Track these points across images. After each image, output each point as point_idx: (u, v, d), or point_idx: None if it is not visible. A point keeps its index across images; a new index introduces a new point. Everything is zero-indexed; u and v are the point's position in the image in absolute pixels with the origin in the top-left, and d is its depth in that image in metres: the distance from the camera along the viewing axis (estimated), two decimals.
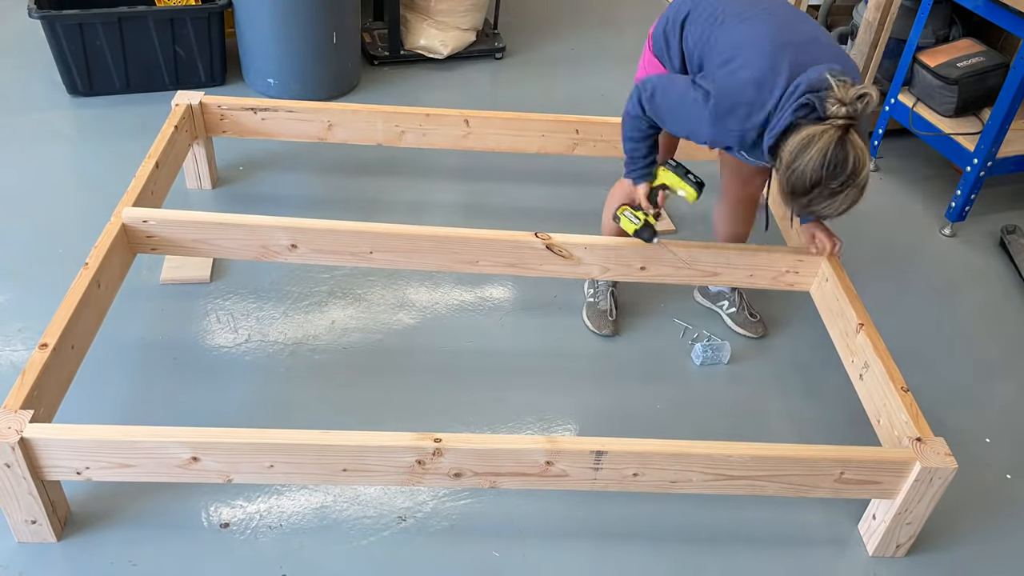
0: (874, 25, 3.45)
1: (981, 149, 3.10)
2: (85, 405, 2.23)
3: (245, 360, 2.46)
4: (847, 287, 2.39)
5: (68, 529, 1.99)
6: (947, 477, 1.94)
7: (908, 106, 3.40)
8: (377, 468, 1.90)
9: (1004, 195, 3.53)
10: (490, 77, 4.03)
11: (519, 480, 1.95)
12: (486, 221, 3.06)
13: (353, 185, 3.19)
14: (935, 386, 2.61)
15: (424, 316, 2.68)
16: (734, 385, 2.57)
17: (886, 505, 2.06)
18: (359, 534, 2.06)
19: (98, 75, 3.44)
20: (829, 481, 1.99)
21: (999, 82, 3.14)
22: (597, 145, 3.08)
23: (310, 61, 3.54)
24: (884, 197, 3.46)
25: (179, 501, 2.07)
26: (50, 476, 1.85)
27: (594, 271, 2.49)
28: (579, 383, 2.51)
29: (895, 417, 2.09)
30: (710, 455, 1.93)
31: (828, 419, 2.48)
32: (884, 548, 2.11)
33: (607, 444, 1.91)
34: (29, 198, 2.94)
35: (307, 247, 2.40)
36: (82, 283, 2.11)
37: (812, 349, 2.69)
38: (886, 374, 2.14)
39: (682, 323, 2.74)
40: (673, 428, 2.40)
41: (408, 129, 3.01)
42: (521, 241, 2.41)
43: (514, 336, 2.64)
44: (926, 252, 3.20)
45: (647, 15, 4.85)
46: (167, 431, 1.83)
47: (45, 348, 1.93)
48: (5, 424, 1.77)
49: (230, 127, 2.94)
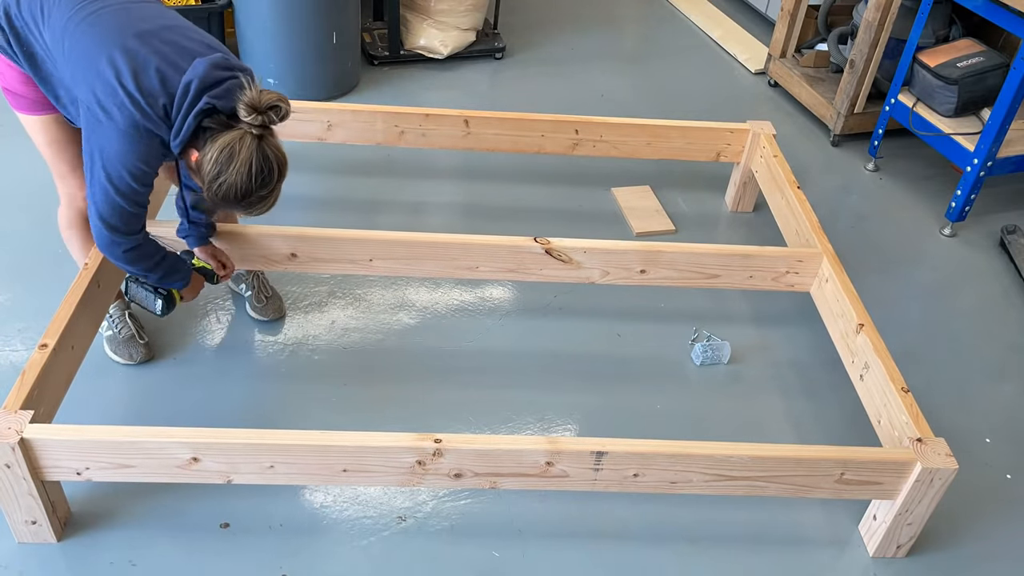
0: (874, 25, 3.46)
1: (981, 149, 3.10)
2: (85, 405, 2.23)
3: (245, 360, 2.46)
4: (847, 287, 2.39)
5: (68, 530, 1.99)
6: (948, 478, 1.94)
7: (908, 106, 3.40)
8: (377, 469, 1.90)
9: (1004, 195, 3.53)
10: (490, 77, 4.03)
11: (519, 481, 1.95)
12: (485, 222, 3.06)
13: (353, 185, 3.19)
14: (935, 386, 2.61)
15: (424, 316, 2.68)
16: (734, 385, 2.56)
17: (887, 506, 2.05)
18: (359, 534, 2.06)
19: None
20: (829, 482, 1.99)
21: (999, 82, 3.14)
22: (597, 145, 3.08)
23: (310, 61, 3.54)
24: (884, 197, 3.47)
25: (179, 501, 2.07)
26: (50, 476, 1.85)
27: (594, 275, 2.49)
28: (579, 383, 2.51)
29: (895, 418, 2.09)
30: (710, 456, 1.93)
31: (828, 419, 2.48)
32: (885, 549, 2.11)
33: (607, 445, 1.91)
34: (29, 198, 2.94)
35: (306, 256, 2.40)
36: (82, 283, 2.11)
37: (812, 349, 2.69)
38: (886, 375, 2.14)
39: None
40: (673, 428, 2.40)
41: (408, 129, 3.01)
42: (520, 246, 2.41)
43: (514, 336, 2.64)
44: (926, 252, 3.20)
45: (647, 15, 4.86)
46: (167, 431, 1.83)
47: (45, 348, 1.93)
48: (5, 424, 1.77)
49: None
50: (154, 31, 1.89)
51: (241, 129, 1.83)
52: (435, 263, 2.43)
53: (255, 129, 1.83)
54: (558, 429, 2.37)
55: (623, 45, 4.49)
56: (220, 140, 1.83)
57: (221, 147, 1.82)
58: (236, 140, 1.82)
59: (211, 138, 1.85)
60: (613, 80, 4.08)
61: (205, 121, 1.85)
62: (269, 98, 1.82)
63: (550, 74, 4.10)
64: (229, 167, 1.82)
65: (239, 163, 1.82)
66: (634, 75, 4.17)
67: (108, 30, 1.86)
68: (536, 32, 4.47)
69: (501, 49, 4.15)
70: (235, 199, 1.87)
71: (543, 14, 4.68)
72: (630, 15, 4.84)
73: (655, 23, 4.78)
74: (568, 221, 3.11)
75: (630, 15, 4.84)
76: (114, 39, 1.85)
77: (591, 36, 4.50)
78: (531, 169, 3.36)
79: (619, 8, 4.88)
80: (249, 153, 1.82)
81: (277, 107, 1.83)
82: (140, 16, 1.91)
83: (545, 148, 3.08)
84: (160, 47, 1.86)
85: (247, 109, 1.81)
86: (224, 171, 1.83)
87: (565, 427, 2.38)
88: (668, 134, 3.06)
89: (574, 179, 3.34)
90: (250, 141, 1.82)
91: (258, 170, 1.83)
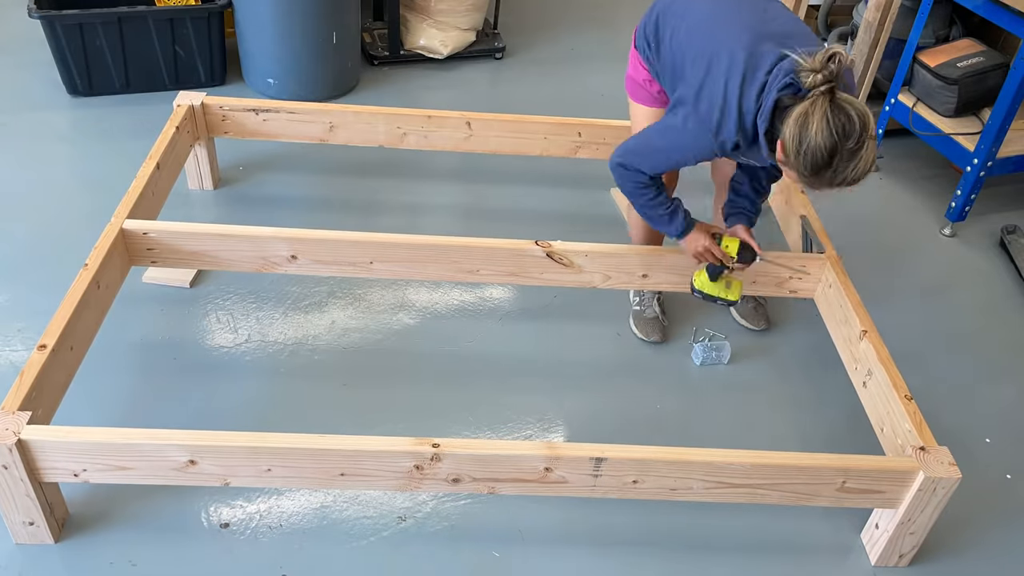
0: (874, 25, 3.45)
1: (981, 149, 3.09)
2: (84, 406, 2.23)
3: (245, 361, 2.46)
4: (851, 293, 2.38)
5: (66, 531, 1.99)
6: (951, 487, 1.93)
7: (908, 106, 3.40)
8: (375, 473, 1.90)
9: (1004, 195, 3.52)
10: (490, 77, 4.03)
11: (518, 486, 1.95)
12: (487, 224, 3.06)
13: (354, 187, 3.19)
14: (935, 386, 2.61)
15: (424, 317, 2.67)
16: (734, 385, 2.56)
17: (889, 514, 2.04)
18: (359, 534, 2.06)
19: (98, 75, 3.44)
20: (831, 490, 1.98)
21: (999, 82, 3.13)
22: (600, 148, 3.07)
23: (310, 61, 3.53)
24: (884, 197, 3.46)
25: (179, 502, 2.07)
26: (48, 478, 1.85)
27: (595, 279, 2.48)
28: (579, 383, 2.51)
29: (898, 426, 2.08)
30: (711, 463, 1.92)
31: (829, 423, 2.47)
32: (887, 558, 2.10)
33: (606, 451, 1.90)
34: (29, 198, 2.94)
35: (307, 258, 2.40)
36: (82, 284, 2.11)
37: (813, 349, 2.69)
38: (890, 382, 2.14)
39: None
40: (673, 428, 2.40)
41: (410, 131, 3.00)
42: (521, 249, 2.40)
43: (514, 337, 2.64)
44: (926, 252, 3.20)
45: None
46: (164, 434, 1.83)
47: (44, 349, 1.93)
48: (3, 426, 1.77)
49: (231, 128, 2.94)
50: (780, 34, 2.01)
51: (810, 97, 1.83)
52: (436, 266, 2.43)
53: (821, 87, 1.81)
54: (558, 430, 2.37)
55: (623, 45, 4.45)
56: (794, 113, 1.84)
57: (796, 116, 1.84)
58: (808, 105, 1.82)
59: (783, 119, 1.88)
60: (613, 80, 4.06)
61: (782, 98, 1.91)
62: (825, 54, 1.81)
63: (550, 74, 4.10)
64: (808, 132, 1.81)
65: (816, 124, 1.80)
66: None
67: (727, 34, 2.04)
68: (536, 32, 4.46)
69: (501, 49, 4.15)
70: (824, 163, 1.84)
71: (543, 14, 4.68)
72: (630, 15, 4.83)
73: None
74: (570, 224, 3.10)
75: (630, 15, 4.83)
76: (739, 36, 2.02)
77: (591, 36, 4.50)
78: (533, 172, 3.35)
79: (619, 8, 4.87)
80: (823, 111, 1.80)
81: (835, 55, 1.81)
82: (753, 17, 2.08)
83: (547, 151, 3.08)
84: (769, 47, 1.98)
85: (807, 72, 1.83)
86: (804, 138, 1.82)
87: (565, 428, 2.38)
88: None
89: (574, 180, 3.33)
90: (821, 101, 1.81)
91: (837, 126, 1.80)
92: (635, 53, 2.38)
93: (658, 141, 2.18)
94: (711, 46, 2.05)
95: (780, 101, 1.92)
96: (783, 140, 1.88)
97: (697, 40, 2.10)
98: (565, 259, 2.42)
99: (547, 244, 2.41)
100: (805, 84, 1.84)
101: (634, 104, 2.46)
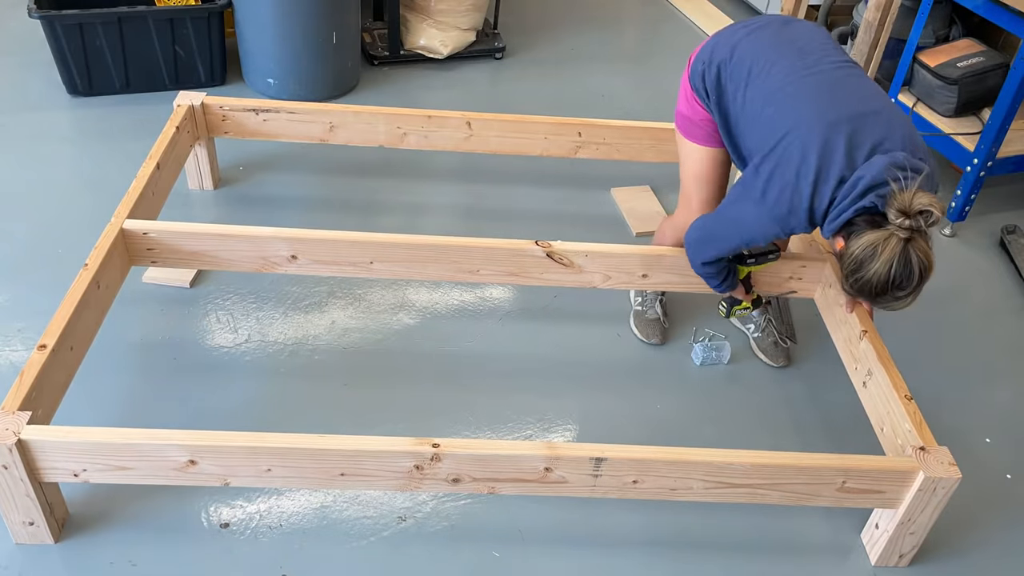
0: (874, 25, 3.45)
1: (981, 149, 3.09)
2: (84, 406, 2.23)
3: (245, 360, 2.46)
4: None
5: (66, 531, 1.99)
6: (951, 487, 1.93)
7: (908, 106, 3.40)
8: (375, 473, 1.90)
9: (1004, 195, 3.52)
10: (490, 77, 4.03)
11: (518, 486, 1.95)
12: (488, 224, 3.06)
13: (355, 186, 3.19)
14: (934, 386, 2.61)
15: (424, 317, 2.68)
16: (734, 385, 2.56)
17: (889, 514, 2.04)
18: (359, 534, 2.06)
19: (98, 75, 3.44)
20: (831, 490, 1.98)
21: (999, 82, 3.14)
22: (600, 148, 3.07)
23: (310, 61, 3.53)
24: None
25: (179, 502, 2.07)
26: (48, 478, 1.85)
27: (595, 279, 2.48)
28: (579, 383, 2.51)
29: (898, 426, 2.08)
30: (711, 463, 1.92)
31: (829, 423, 2.47)
32: (887, 558, 2.10)
33: (606, 451, 1.90)
34: (29, 198, 2.94)
35: (307, 258, 2.40)
36: (82, 284, 2.10)
37: (813, 349, 2.69)
38: (890, 382, 2.13)
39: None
40: (672, 428, 2.40)
41: (410, 131, 3.00)
42: (521, 249, 2.40)
43: (514, 336, 2.64)
44: None
45: (647, 15, 4.86)
46: (164, 434, 1.83)
47: (44, 349, 1.93)
48: (3, 426, 1.77)
49: (232, 128, 2.94)
50: (855, 116, 1.94)
51: (889, 230, 1.82)
52: (436, 266, 2.43)
53: (902, 232, 1.81)
54: (558, 429, 2.37)
55: (623, 45, 4.49)
56: (865, 238, 1.85)
57: (865, 245, 1.84)
58: (881, 240, 1.82)
59: (857, 232, 1.88)
60: (613, 80, 4.08)
61: (858, 217, 1.89)
62: (920, 202, 1.79)
63: (550, 74, 4.10)
64: (870, 266, 1.84)
65: (879, 263, 1.83)
66: (634, 75, 4.17)
67: (809, 109, 1.96)
68: (536, 32, 4.46)
69: (501, 49, 4.15)
70: (869, 294, 1.91)
71: (543, 14, 4.68)
72: (630, 15, 4.84)
73: (655, 23, 4.78)
74: (568, 223, 3.10)
75: (630, 15, 4.84)
76: (813, 122, 1.94)
77: (591, 36, 4.50)
78: (533, 172, 3.35)
79: (619, 8, 4.88)
80: (892, 254, 1.82)
81: (928, 212, 1.79)
82: (844, 96, 1.98)
83: (548, 151, 3.07)
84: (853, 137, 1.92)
85: (896, 213, 1.81)
86: (864, 268, 1.85)
87: (565, 428, 2.38)
88: (671, 137, 3.06)
89: (574, 180, 3.33)
90: (895, 243, 1.82)
91: (897, 273, 1.83)
92: (690, 91, 2.25)
93: (729, 231, 2.14)
94: (781, 125, 1.98)
95: (852, 218, 1.91)
96: (846, 250, 1.91)
97: (767, 116, 2.02)
98: (565, 259, 2.42)
99: (547, 244, 2.41)
100: (888, 217, 1.83)
101: (687, 142, 2.33)
